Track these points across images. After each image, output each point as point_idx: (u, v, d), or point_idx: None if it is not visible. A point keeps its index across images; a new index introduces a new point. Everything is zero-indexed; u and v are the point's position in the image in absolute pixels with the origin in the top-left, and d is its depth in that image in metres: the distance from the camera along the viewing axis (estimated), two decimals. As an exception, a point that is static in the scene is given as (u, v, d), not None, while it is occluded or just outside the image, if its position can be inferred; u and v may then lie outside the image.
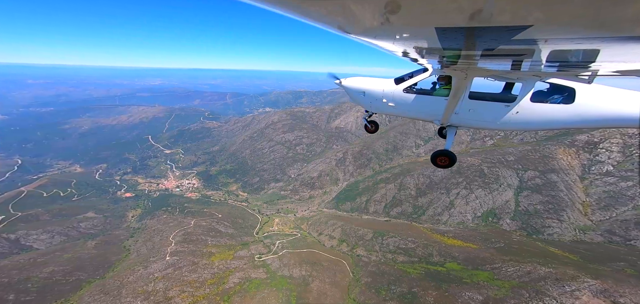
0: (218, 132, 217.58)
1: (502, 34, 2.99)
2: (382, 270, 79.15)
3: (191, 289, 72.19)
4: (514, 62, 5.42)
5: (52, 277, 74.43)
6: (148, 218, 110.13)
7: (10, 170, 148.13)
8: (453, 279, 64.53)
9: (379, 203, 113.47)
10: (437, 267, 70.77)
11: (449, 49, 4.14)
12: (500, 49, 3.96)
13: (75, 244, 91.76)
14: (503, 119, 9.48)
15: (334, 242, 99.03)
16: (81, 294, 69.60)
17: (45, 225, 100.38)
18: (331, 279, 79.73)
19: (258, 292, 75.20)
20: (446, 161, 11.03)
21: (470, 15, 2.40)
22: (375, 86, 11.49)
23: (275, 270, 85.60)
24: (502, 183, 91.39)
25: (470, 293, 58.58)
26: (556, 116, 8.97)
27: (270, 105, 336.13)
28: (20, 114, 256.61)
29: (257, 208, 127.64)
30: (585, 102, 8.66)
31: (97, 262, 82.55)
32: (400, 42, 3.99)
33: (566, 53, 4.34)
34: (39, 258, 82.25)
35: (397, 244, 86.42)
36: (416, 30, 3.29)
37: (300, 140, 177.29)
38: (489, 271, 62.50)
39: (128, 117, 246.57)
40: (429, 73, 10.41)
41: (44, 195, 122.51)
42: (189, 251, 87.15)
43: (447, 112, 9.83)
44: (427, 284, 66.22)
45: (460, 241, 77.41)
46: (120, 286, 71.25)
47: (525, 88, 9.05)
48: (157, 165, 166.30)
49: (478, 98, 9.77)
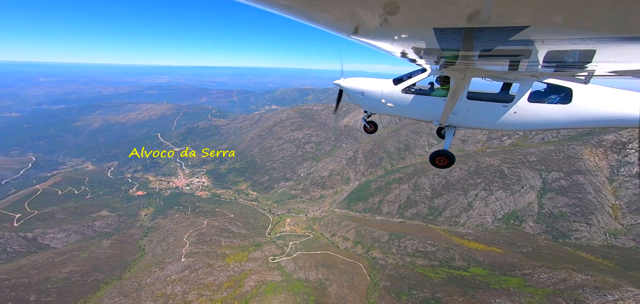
0: (226, 129, 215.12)
1: (499, 35, 2.97)
2: (401, 274, 75.65)
3: (209, 292, 69.78)
4: (512, 63, 5.21)
5: (70, 277, 72.69)
6: (160, 217, 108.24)
7: (25, 168, 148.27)
8: (479, 285, 60.80)
9: (393, 203, 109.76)
10: (460, 272, 67.06)
11: (447, 49, 4.05)
12: (497, 50, 3.89)
13: (91, 243, 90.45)
14: (501, 119, 9.36)
15: (348, 244, 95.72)
16: (100, 296, 68.14)
17: (61, 223, 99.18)
18: (349, 282, 76.46)
19: (275, 296, 72.26)
20: (445, 162, 10.85)
21: (468, 16, 2.38)
22: (374, 87, 11.26)
23: (290, 272, 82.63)
24: (524, 184, 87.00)
25: (500, 299, 54.85)
26: (553, 116, 8.85)
27: (276, 103, 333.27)
28: (33, 111, 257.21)
29: (268, 208, 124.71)
30: (582, 102, 8.55)
31: (114, 262, 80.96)
32: (398, 42, 3.91)
33: (563, 54, 4.28)
34: (57, 258, 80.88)
35: (415, 247, 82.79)
36: (414, 31, 3.23)
37: (309, 138, 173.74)
38: (520, 277, 58.65)
39: (137, 114, 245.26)
40: (427, 73, 10.23)
41: (58, 192, 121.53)
42: (204, 253, 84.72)
43: (446, 112, 9.63)
44: (452, 290, 62.58)
45: (482, 244, 73.52)
46: (138, 288, 69.43)
47: (522, 89, 8.93)
48: (167, 163, 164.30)
49: (476, 99, 9.61)
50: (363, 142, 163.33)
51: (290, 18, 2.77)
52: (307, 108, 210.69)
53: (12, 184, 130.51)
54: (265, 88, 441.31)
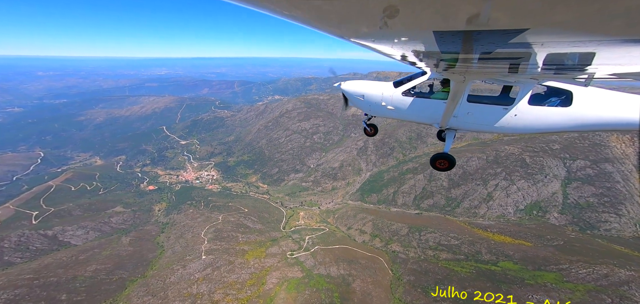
0: (231, 121, 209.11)
1: (499, 38, 2.97)
2: (424, 268, 72.71)
3: (234, 291, 67.55)
4: (511, 65, 5.08)
5: (96, 276, 71.16)
6: (175, 212, 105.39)
7: (34, 163, 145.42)
8: (512, 280, 57.74)
9: (408, 194, 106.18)
10: (489, 266, 63.98)
11: (447, 52, 4.06)
12: (497, 52, 3.87)
13: (110, 240, 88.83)
14: (501, 122, 9.12)
15: (366, 237, 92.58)
16: (127, 294, 66.68)
17: (78, 220, 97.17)
18: (372, 278, 73.57)
19: (299, 293, 69.42)
20: (445, 164, 10.64)
21: (467, 19, 2.37)
22: (375, 89, 11.02)
23: (310, 268, 79.64)
24: (548, 173, 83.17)
25: (538, 295, 51.82)
26: (554, 119, 8.61)
27: (279, 93, 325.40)
28: (35, 106, 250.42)
29: (280, 201, 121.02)
30: (582, 105, 8.31)
31: (136, 259, 79.36)
32: (398, 45, 3.89)
33: (562, 57, 4.26)
34: (80, 256, 79.46)
35: (437, 240, 79.62)
36: (414, 34, 3.21)
37: (316, 128, 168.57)
38: (556, 273, 55.55)
39: (140, 107, 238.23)
40: (427, 76, 9.92)
41: (72, 189, 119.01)
42: (223, 249, 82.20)
43: (446, 115, 9.39)
44: (482, 285, 59.58)
45: (509, 237, 70.28)
46: (164, 287, 67.69)
47: (523, 92, 8.70)
48: (175, 157, 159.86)
49: (476, 101, 9.36)
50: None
51: (288, 21, 2.69)
52: (312, 98, 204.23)
53: (24, 180, 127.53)
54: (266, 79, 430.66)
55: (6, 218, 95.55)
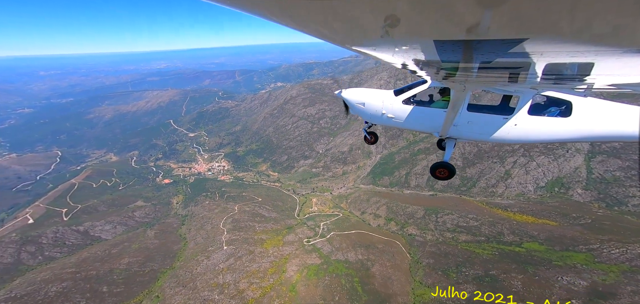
0: (236, 111, 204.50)
1: (498, 47, 2.96)
2: (443, 251, 70.18)
3: (257, 280, 66.92)
4: (511, 75, 5.04)
5: (130, 268, 72.74)
6: (192, 204, 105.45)
7: (54, 162, 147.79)
8: (539, 262, 54.76)
9: (421, 176, 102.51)
10: (513, 247, 60.99)
11: (447, 61, 4.02)
12: (497, 62, 3.82)
13: (136, 233, 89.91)
14: (501, 131, 8.92)
15: (381, 221, 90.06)
16: (160, 285, 67.51)
17: (105, 215, 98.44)
18: (391, 262, 71.45)
19: (320, 280, 67.85)
20: (445, 174, 10.37)
21: (468, 29, 2.35)
22: (375, 98, 10.76)
23: (328, 254, 77.83)
24: (569, 147, 78.33)
25: (568, 277, 48.86)
26: (553, 129, 8.42)
27: (281, 80, 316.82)
28: (44, 106, 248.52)
29: (292, 188, 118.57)
30: (582, 116, 8.11)
31: (163, 252, 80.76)
32: (399, 54, 3.84)
33: (561, 66, 4.25)
34: (113, 249, 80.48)
35: (455, 221, 76.65)
36: (415, 43, 3.19)
37: (322, 113, 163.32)
38: (586, 253, 52.31)
39: (146, 102, 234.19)
40: (427, 85, 9.71)
41: (93, 185, 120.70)
42: (242, 239, 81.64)
43: (446, 124, 9.19)
44: (507, 267, 56.86)
45: (532, 217, 66.86)
46: (192, 277, 68.54)
47: (522, 101, 8.53)
48: (185, 149, 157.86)
49: (477, 111, 9.19)
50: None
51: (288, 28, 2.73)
52: (316, 83, 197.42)
53: (47, 179, 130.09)
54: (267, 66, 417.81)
55: (39, 216, 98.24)
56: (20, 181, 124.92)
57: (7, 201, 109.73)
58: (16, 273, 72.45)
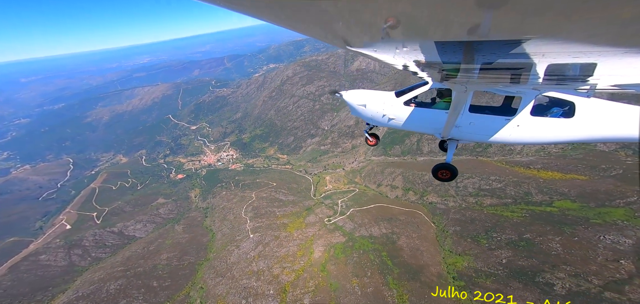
0: (234, 98, 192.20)
1: (500, 48, 2.88)
2: (469, 217, 66.41)
3: (288, 264, 64.45)
4: (513, 75, 4.91)
5: (170, 263, 71.98)
6: (210, 196, 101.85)
7: (68, 169, 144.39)
8: (575, 221, 50.93)
9: (433, 141, 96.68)
10: (543, 207, 57.08)
11: (448, 62, 3.89)
12: (499, 63, 3.72)
13: (166, 230, 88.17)
14: (504, 133, 8.38)
15: (398, 192, 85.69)
16: (200, 277, 66.55)
17: (132, 215, 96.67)
18: (417, 233, 67.85)
19: (348, 257, 64.40)
20: (447, 175, 9.88)
21: (469, 30, 2.29)
22: (377, 99, 10.24)
23: (351, 231, 73.97)
24: (588, 96, 72.17)
25: (611, 236, 45.17)
26: (556, 130, 7.86)
27: (273, 61, 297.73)
28: (40, 114, 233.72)
29: (303, 169, 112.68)
30: (585, 116, 7.52)
31: (195, 245, 78.58)
32: (400, 55, 3.71)
33: (564, 67, 4.09)
34: (150, 247, 79.26)
35: (476, 185, 72.33)
36: (416, 44, 3.10)
37: (322, 89, 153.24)
38: (624, 208, 48.42)
39: (139, 99, 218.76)
40: (429, 86, 9.14)
41: (113, 188, 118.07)
42: (266, 226, 78.48)
43: (448, 125, 8.70)
44: (541, 229, 53.19)
45: (558, 172, 62.46)
46: (228, 267, 67.17)
47: (525, 102, 7.96)
48: (190, 143, 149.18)
49: (478, 112, 8.62)
50: (380, 82, 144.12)
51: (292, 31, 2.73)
52: (311, 60, 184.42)
53: (67, 186, 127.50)
54: (255, 49, 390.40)
55: (74, 221, 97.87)
56: (43, 190, 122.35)
57: (38, 210, 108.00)
58: (73, 274, 73.19)
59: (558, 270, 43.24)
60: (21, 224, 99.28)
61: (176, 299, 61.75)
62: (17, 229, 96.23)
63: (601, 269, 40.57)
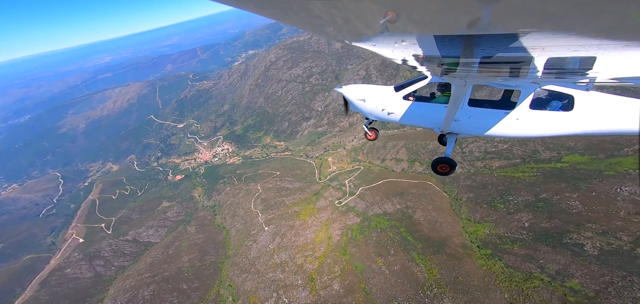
0: (217, 90, 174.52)
1: (499, 42, 2.76)
2: (481, 182, 63.37)
3: (309, 252, 60.04)
4: (513, 69, 4.73)
5: (193, 264, 67.96)
6: (214, 194, 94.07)
7: (59, 184, 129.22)
8: (588, 175, 48.68)
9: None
10: (553, 164, 54.62)
11: (447, 56, 3.75)
12: (498, 57, 3.58)
13: (178, 232, 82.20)
14: (503, 126, 8.02)
15: (404, 164, 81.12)
16: (225, 274, 62.53)
17: (141, 222, 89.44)
18: (431, 204, 64.34)
19: (366, 237, 60.34)
20: (447, 169, 9.62)
21: (468, 23, 2.20)
22: (376, 94, 9.79)
23: (364, 210, 69.33)
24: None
25: (628, 187, 43.16)
26: (555, 123, 7.54)
27: (251, 47, 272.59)
28: (7, 130, 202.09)
29: (304, 153, 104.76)
30: (584, 110, 7.23)
31: (212, 244, 73.99)
32: (399, 49, 3.57)
33: (563, 60, 3.89)
34: (169, 250, 74.66)
35: (482, 148, 69.00)
36: (415, 38, 2.96)
37: (310, 71, 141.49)
38: (633, 156, 46.43)
39: (113, 102, 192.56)
40: (428, 80, 8.68)
41: (113, 198, 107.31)
42: (278, 217, 72.99)
43: (447, 119, 8.36)
44: (556, 187, 50.80)
45: (562, 127, 59.38)
46: (250, 263, 62.52)
47: (524, 96, 7.61)
48: (181, 142, 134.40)
49: (478, 105, 8.30)
50: (368, 57, 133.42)
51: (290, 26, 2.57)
52: (292, 42, 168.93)
53: (64, 201, 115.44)
54: (229, 36, 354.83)
55: (85, 234, 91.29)
56: (40, 207, 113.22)
57: (43, 226, 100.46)
58: (103, 284, 69.88)
59: (584, 229, 41.08)
60: (32, 241, 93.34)
61: (208, 298, 58.21)
62: (31, 246, 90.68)
63: (627, 224, 38.78)
